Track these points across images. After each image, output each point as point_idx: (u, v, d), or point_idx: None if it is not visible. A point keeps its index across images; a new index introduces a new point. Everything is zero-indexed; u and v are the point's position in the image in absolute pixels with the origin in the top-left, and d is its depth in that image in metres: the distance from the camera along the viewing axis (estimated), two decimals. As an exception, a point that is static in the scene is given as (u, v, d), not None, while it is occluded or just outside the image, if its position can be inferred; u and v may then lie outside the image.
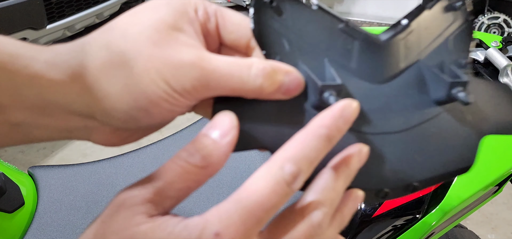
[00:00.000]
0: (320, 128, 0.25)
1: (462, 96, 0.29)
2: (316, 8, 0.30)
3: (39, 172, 0.72)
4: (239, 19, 0.30)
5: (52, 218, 0.65)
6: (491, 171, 0.62)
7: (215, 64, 0.26)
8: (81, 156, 2.17)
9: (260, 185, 0.23)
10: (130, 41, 0.25)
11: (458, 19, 0.34)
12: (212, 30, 0.30)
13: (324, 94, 0.27)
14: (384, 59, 0.31)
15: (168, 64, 0.25)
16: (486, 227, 1.70)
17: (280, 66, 0.27)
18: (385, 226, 0.59)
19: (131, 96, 0.25)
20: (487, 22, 2.74)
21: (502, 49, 0.78)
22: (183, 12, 0.28)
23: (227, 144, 0.25)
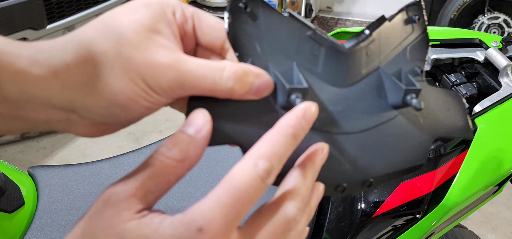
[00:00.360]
0: (287, 128, 0.27)
1: (414, 102, 0.32)
2: (287, 15, 0.32)
3: (39, 172, 0.72)
4: (215, 22, 0.32)
5: (52, 218, 0.65)
6: (491, 171, 0.62)
7: (190, 67, 0.28)
8: (81, 156, 2.17)
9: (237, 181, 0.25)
10: (110, 42, 0.27)
11: (416, 31, 0.37)
12: (189, 31, 0.32)
13: (291, 97, 0.29)
14: (347, 65, 0.34)
15: (146, 66, 0.27)
16: (486, 227, 1.70)
17: (251, 69, 0.29)
18: (385, 226, 0.59)
19: (111, 94, 0.27)
20: (487, 22, 2.74)
21: (502, 49, 0.78)
22: (161, 15, 0.30)
23: (202, 138, 0.27)
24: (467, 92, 0.72)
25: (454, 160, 0.62)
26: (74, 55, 0.26)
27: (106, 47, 0.27)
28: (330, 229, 0.62)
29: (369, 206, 0.59)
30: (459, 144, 0.63)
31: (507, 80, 0.71)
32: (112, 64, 0.27)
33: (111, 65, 0.27)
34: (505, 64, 0.71)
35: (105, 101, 0.27)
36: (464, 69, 0.79)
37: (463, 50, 0.81)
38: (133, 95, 0.27)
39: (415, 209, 0.59)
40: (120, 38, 0.27)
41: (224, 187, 0.25)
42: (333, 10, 4.03)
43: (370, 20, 4.13)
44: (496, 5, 2.77)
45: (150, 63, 0.27)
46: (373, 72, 0.35)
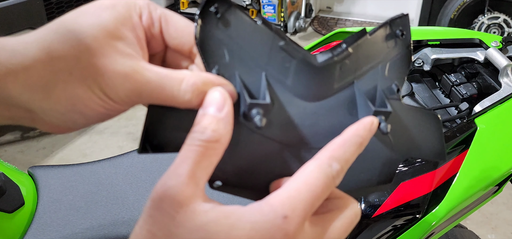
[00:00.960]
0: (357, 137, 0.29)
1: (382, 126, 0.32)
2: (260, 23, 0.31)
3: (39, 172, 0.72)
4: (183, 25, 0.32)
5: (52, 218, 0.65)
6: (491, 171, 0.62)
7: (147, 77, 0.27)
8: (81, 156, 2.17)
9: (315, 177, 0.27)
10: (70, 47, 0.26)
11: (398, 47, 0.36)
12: (156, 34, 0.31)
13: (252, 112, 0.28)
14: (318, 80, 0.33)
15: (104, 75, 0.27)
16: (486, 227, 1.70)
17: (212, 79, 0.29)
18: (385, 226, 0.59)
19: (68, 101, 0.27)
20: (487, 22, 2.74)
21: (502, 49, 0.78)
22: (126, 18, 0.29)
23: (226, 114, 0.27)
24: (467, 92, 0.72)
25: (454, 160, 0.62)
26: (33, 58, 0.26)
27: (64, 52, 0.26)
28: (330, 229, 0.62)
29: (369, 206, 0.59)
30: (459, 144, 0.63)
31: (507, 80, 0.71)
32: (70, 70, 0.26)
33: (69, 72, 0.26)
34: (505, 64, 0.71)
35: (61, 107, 0.27)
36: (464, 69, 0.79)
37: (463, 50, 0.81)
38: (90, 103, 0.27)
39: (415, 209, 0.59)
40: (79, 44, 0.27)
41: (303, 182, 0.27)
42: (333, 10, 4.03)
43: (370, 20, 4.12)
44: (496, 5, 2.77)
45: (107, 72, 0.27)
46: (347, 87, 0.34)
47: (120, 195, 0.68)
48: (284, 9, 3.42)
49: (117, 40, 0.28)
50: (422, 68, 0.81)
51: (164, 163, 0.74)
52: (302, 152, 0.33)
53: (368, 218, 0.58)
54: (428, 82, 0.80)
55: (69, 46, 0.26)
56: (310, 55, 0.32)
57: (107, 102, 0.28)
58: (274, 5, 3.44)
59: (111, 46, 0.27)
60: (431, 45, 0.82)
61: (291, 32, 3.51)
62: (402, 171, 0.61)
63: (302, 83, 0.32)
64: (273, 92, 0.31)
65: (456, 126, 0.65)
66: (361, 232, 0.59)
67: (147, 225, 0.25)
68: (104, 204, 0.67)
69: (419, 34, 0.85)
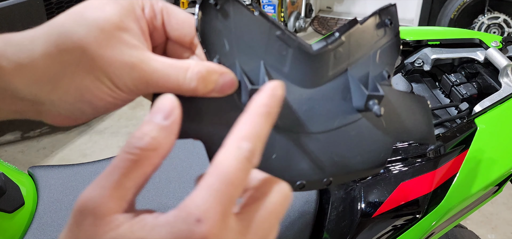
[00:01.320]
0: (260, 107, 0.27)
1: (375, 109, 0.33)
2: (257, 14, 0.32)
3: (39, 172, 0.72)
4: (184, 17, 0.33)
5: (52, 218, 0.65)
6: (491, 170, 0.62)
7: (154, 67, 0.28)
8: (81, 156, 2.17)
9: (225, 166, 0.24)
10: (77, 40, 0.27)
11: (388, 35, 0.37)
12: (158, 26, 0.32)
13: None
14: (314, 67, 0.34)
15: (111, 64, 0.27)
16: (486, 227, 1.70)
17: (215, 68, 0.30)
18: (385, 226, 0.59)
19: (77, 91, 0.28)
20: (487, 22, 2.74)
21: (502, 49, 0.78)
22: (129, 11, 0.30)
23: (172, 123, 0.26)
24: (467, 92, 0.72)
25: (454, 160, 0.62)
26: (41, 52, 0.27)
27: (72, 45, 0.27)
28: (330, 229, 0.62)
29: (369, 206, 0.59)
30: (459, 144, 0.63)
31: (507, 80, 0.71)
32: (77, 62, 0.27)
33: (77, 63, 0.27)
34: (505, 64, 0.71)
35: (70, 97, 0.28)
36: (464, 69, 0.79)
37: (463, 50, 0.81)
38: (98, 92, 0.28)
39: (415, 209, 0.59)
40: (86, 37, 0.27)
41: (213, 175, 0.24)
42: (333, 10, 4.03)
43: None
44: (496, 5, 2.77)
45: (115, 62, 0.28)
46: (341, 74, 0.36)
47: (120, 195, 0.68)
48: (284, 9, 3.42)
49: (122, 31, 0.28)
50: (422, 68, 0.81)
51: (165, 162, 0.74)
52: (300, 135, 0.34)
53: (368, 218, 0.58)
54: (428, 82, 0.80)
55: (76, 39, 0.27)
56: (305, 43, 0.34)
57: (115, 92, 0.29)
58: (274, 5, 3.44)
59: (117, 38, 0.28)
60: (431, 45, 0.82)
61: (291, 32, 3.51)
62: (402, 171, 0.61)
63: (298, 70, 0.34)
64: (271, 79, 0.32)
65: (456, 126, 0.65)
66: (361, 232, 0.59)
67: (67, 237, 0.25)
68: (104, 204, 0.67)
69: (419, 34, 0.85)
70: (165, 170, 0.72)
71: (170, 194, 0.68)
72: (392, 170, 0.62)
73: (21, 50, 0.27)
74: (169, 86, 0.29)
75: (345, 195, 0.62)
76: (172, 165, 0.73)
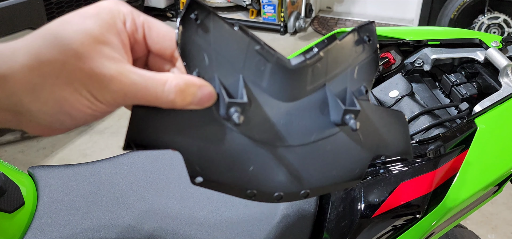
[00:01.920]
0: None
1: (351, 123, 0.34)
2: (237, 29, 0.33)
3: (39, 172, 0.72)
4: (165, 31, 0.33)
5: (52, 218, 0.65)
6: (491, 171, 0.62)
7: (132, 79, 0.29)
8: (81, 156, 2.17)
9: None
10: (57, 52, 0.28)
11: (366, 51, 0.38)
12: (139, 39, 0.33)
13: (230, 110, 0.30)
14: (292, 81, 0.35)
15: (90, 77, 0.28)
16: (486, 227, 1.70)
17: (193, 81, 0.31)
18: (385, 226, 0.59)
19: (56, 103, 0.28)
20: (487, 22, 2.74)
21: (502, 49, 0.78)
22: (111, 24, 0.30)
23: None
24: (467, 92, 0.72)
25: (454, 160, 0.62)
26: (21, 63, 0.27)
27: (52, 57, 0.28)
28: (330, 229, 0.62)
29: (369, 206, 0.59)
30: (459, 144, 0.63)
31: (507, 80, 0.70)
32: (57, 74, 0.28)
33: (57, 75, 0.28)
34: (505, 64, 0.71)
35: (49, 108, 0.29)
36: (464, 69, 0.79)
37: (463, 50, 0.81)
38: (77, 104, 0.29)
39: (415, 209, 0.59)
40: (66, 49, 0.28)
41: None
42: (333, 10, 4.03)
43: (370, 20, 4.11)
44: (496, 5, 2.77)
45: (94, 75, 0.28)
46: (319, 89, 0.36)
47: (120, 195, 0.68)
48: (284, 9, 3.41)
49: (102, 45, 0.29)
50: (422, 68, 0.81)
51: (165, 163, 0.74)
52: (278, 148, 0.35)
53: (368, 218, 0.58)
54: (428, 82, 0.80)
55: (56, 51, 0.28)
56: (284, 58, 0.34)
57: (94, 104, 0.29)
58: (274, 5, 3.43)
59: (97, 51, 0.29)
60: (431, 45, 0.82)
61: (291, 32, 3.51)
62: (402, 171, 0.61)
63: (276, 84, 0.34)
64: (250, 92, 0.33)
65: (456, 126, 0.65)
66: (361, 232, 0.59)
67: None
68: (104, 204, 0.67)
69: (419, 34, 0.85)
70: (165, 170, 0.72)
71: (170, 194, 0.68)
72: (392, 170, 0.62)
73: (4, 61, 0.27)
74: (148, 98, 0.30)
75: (345, 195, 0.62)
76: (172, 165, 0.73)
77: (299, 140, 0.36)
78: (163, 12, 3.82)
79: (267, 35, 3.55)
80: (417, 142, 0.63)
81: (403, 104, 0.71)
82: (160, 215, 0.65)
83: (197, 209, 0.66)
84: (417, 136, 0.66)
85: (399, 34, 0.84)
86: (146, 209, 0.66)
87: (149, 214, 0.65)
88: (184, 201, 0.67)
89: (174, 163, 0.73)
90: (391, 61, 0.80)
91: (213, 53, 0.32)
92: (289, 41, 3.46)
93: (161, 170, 0.72)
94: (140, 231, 0.64)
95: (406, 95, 0.72)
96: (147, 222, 0.65)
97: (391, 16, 3.76)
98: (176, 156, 0.74)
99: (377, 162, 0.63)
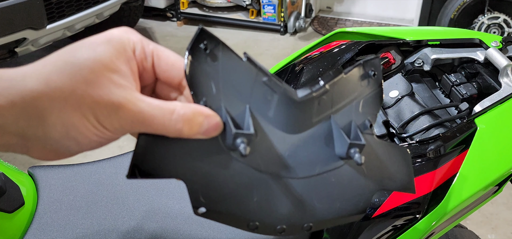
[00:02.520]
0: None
1: (356, 157, 0.34)
2: (245, 59, 0.33)
3: (39, 172, 0.72)
4: (174, 60, 0.34)
5: (52, 218, 0.65)
6: (491, 171, 0.62)
7: (140, 107, 0.30)
8: (81, 156, 2.17)
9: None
10: (67, 78, 0.28)
11: (371, 86, 0.39)
12: (148, 67, 0.33)
13: (236, 141, 0.30)
14: (298, 113, 0.35)
15: (99, 104, 0.29)
16: (486, 227, 1.70)
17: (201, 110, 0.31)
18: (385, 226, 0.59)
19: (63, 128, 0.29)
20: (487, 22, 2.74)
21: (502, 49, 0.78)
22: (120, 52, 0.31)
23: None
24: (467, 92, 0.72)
25: (454, 160, 0.62)
26: (31, 89, 0.28)
27: (62, 82, 0.28)
28: (330, 229, 0.62)
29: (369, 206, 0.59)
30: (459, 144, 0.63)
31: (507, 80, 0.71)
32: (66, 99, 0.28)
33: (65, 100, 0.28)
34: (505, 64, 0.71)
35: (56, 134, 0.29)
36: (464, 69, 0.79)
37: (463, 50, 0.81)
38: (84, 130, 0.29)
39: (415, 209, 0.59)
40: (76, 75, 0.28)
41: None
42: (333, 10, 4.03)
43: (370, 20, 4.12)
44: (496, 5, 2.77)
45: (102, 101, 0.29)
46: (324, 121, 0.36)
47: (120, 195, 0.68)
48: (284, 9, 3.41)
49: (112, 72, 0.29)
50: (422, 68, 0.81)
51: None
52: (282, 180, 0.35)
53: (368, 218, 0.58)
54: (428, 82, 0.80)
55: (66, 77, 0.28)
56: (291, 90, 0.35)
57: (101, 130, 0.29)
58: (274, 5, 3.43)
59: (106, 78, 0.29)
60: (431, 45, 0.82)
61: (291, 32, 3.51)
62: (402, 171, 0.61)
63: (282, 116, 0.34)
64: (256, 123, 0.33)
65: (456, 126, 0.65)
66: (361, 232, 0.59)
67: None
68: (104, 204, 0.67)
69: (419, 34, 0.85)
70: (165, 170, 0.72)
71: (170, 194, 0.68)
72: (392, 170, 0.62)
73: (13, 86, 0.27)
74: (155, 127, 0.30)
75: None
76: (172, 165, 0.73)
77: (303, 171, 0.36)
78: (163, 12, 3.82)
79: (267, 35, 3.55)
80: (417, 142, 0.63)
81: (403, 104, 0.71)
82: (160, 215, 0.65)
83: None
84: (417, 136, 0.66)
85: (399, 34, 0.84)
86: (146, 209, 0.66)
87: (149, 214, 0.65)
88: (184, 201, 0.67)
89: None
90: (391, 61, 0.80)
91: (221, 83, 0.32)
92: (289, 41, 3.46)
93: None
94: (140, 231, 0.64)
95: (406, 95, 0.72)
96: (147, 222, 0.65)
97: (391, 16, 3.76)
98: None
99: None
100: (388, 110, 0.72)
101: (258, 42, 3.46)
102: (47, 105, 0.28)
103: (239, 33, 3.61)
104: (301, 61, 0.86)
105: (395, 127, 0.68)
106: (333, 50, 0.84)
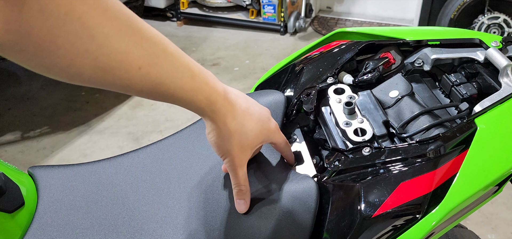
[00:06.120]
0: None
1: None
2: None
3: (39, 172, 0.72)
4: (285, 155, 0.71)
5: (52, 218, 0.65)
6: (491, 171, 0.62)
7: (284, 139, 0.68)
8: (81, 156, 2.17)
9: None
10: (248, 132, 0.59)
11: None
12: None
13: None
14: None
15: (268, 130, 0.63)
16: (486, 227, 1.70)
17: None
18: (385, 226, 0.59)
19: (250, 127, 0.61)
20: (487, 22, 2.74)
21: (502, 49, 0.78)
22: (267, 138, 0.64)
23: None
24: (467, 92, 0.72)
25: (454, 160, 0.62)
26: (219, 120, 0.57)
27: (243, 129, 0.59)
28: (330, 229, 0.62)
29: (369, 206, 0.59)
30: (459, 144, 0.63)
31: (507, 80, 0.71)
32: (245, 132, 0.60)
33: (245, 133, 0.60)
34: (505, 64, 0.71)
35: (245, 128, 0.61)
36: (464, 69, 0.79)
37: (463, 50, 0.81)
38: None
39: (415, 209, 0.59)
40: (254, 129, 0.61)
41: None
42: (333, 10, 4.03)
43: (370, 20, 4.14)
44: (496, 5, 2.77)
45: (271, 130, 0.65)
46: None
47: (120, 195, 0.68)
48: (284, 9, 3.41)
49: (253, 149, 0.63)
50: (422, 68, 0.81)
51: (164, 163, 0.74)
52: None
53: (368, 218, 0.58)
54: (428, 82, 0.80)
55: (248, 133, 0.60)
56: None
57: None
58: (274, 5, 3.43)
59: (272, 120, 0.65)
60: (431, 45, 0.82)
61: (291, 32, 3.51)
62: (402, 171, 0.61)
63: None
64: None
65: (456, 126, 0.65)
66: (361, 233, 0.59)
67: None
68: (104, 204, 0.67)
69: (419, 34, 0.85)
70: (165, 170, 0.72)
71: (170, 194, 0.69)
72: (392, 170, 0.62)
73: (207, 106, 0.55)
74: (285, 152, 0.69)
75: (345, 195, 0.62)
76: (172, 165, 0.73)
77: None
78: (163, 12, 3.82)
79: (267, 35, 3.55)
80: (417, 142, 0.63)
81: (403, 104, 0.71)
82: (160, 215, 0.65)
83: (197, 209, 0.66)
84: (417, 136, 0.66)
85: (399, 34, 0.84)
86: (146, 209, 0.66)
87: (149, 214, 0.65)
88: (184, 201, 0.68)
89: (174, 163, 0.73)
90: (391, 61, 0.80)
91: None
92: (289, 41, 3.46)
93: (161, 170, 0.72)
94: (140, 231, 0.64)
95: (406, 95, 0.72)
96: (147, 222, 0.65)
97: (391, 16, 3.76)
98: (176, 156, 0.74)
99: (377, 162, 0.63)
100: (388, 110, 0.72)
101: (258, 42, 3.46)
102: (234, 130, 0.59)
103: (239, 33, 3.61)
104: (301, 61, 0.86)
105: (395, 127, 0.68)
106: (333, 50, 0.84)
